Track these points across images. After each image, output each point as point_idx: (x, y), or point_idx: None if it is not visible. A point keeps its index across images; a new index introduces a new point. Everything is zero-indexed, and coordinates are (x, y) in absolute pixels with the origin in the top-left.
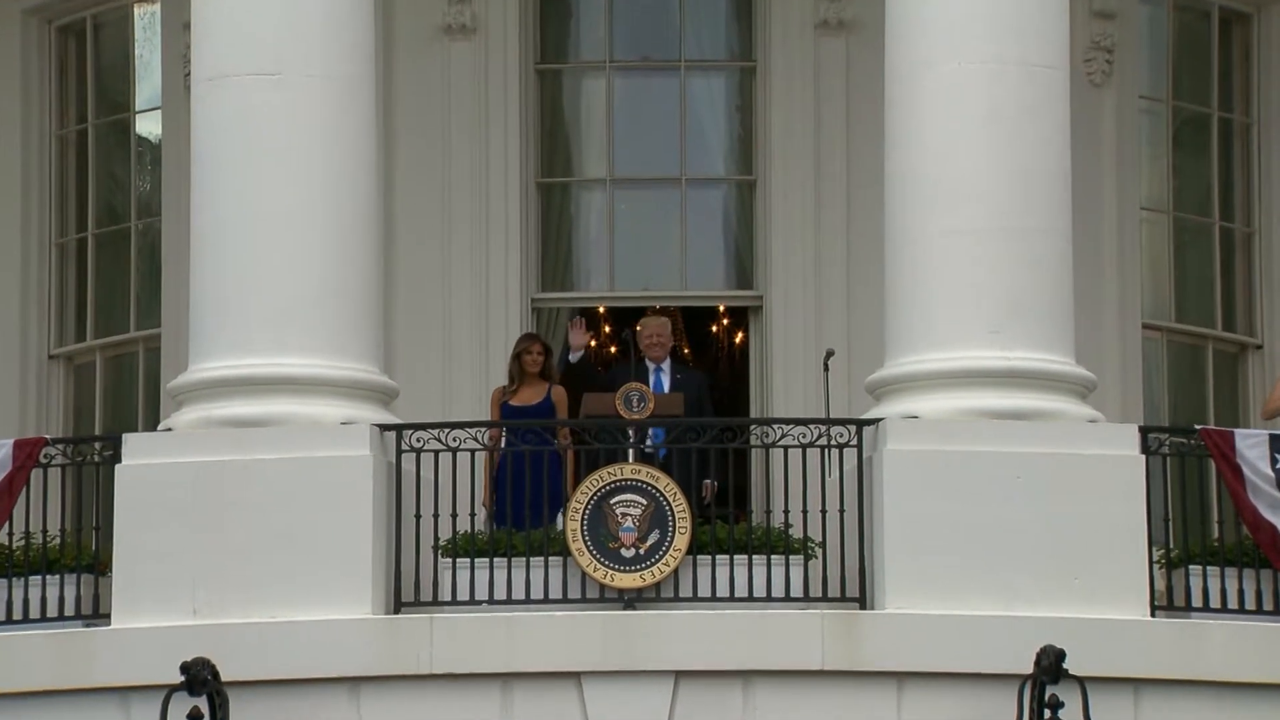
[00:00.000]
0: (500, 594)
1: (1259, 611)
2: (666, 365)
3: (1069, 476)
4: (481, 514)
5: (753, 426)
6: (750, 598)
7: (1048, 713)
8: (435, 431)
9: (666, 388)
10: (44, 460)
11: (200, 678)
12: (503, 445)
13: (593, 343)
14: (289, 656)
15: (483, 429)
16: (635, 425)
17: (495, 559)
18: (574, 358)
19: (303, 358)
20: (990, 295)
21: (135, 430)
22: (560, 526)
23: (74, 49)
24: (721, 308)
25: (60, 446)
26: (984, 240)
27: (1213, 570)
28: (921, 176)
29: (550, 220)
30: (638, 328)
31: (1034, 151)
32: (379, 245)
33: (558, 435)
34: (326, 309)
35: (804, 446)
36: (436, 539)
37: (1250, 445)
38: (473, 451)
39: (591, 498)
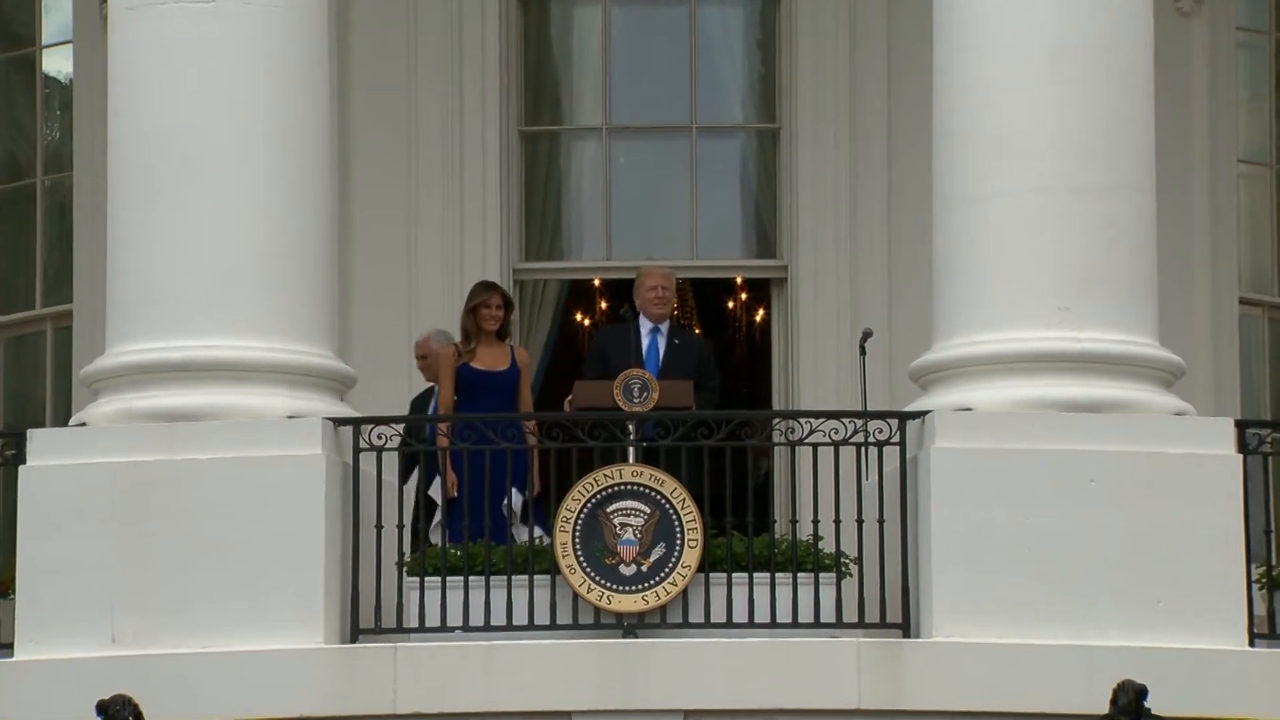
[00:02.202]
0: (477, 619)
1: None
2: (665, 328)
3: (1151, 480)
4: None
5: (775, 421)
6: (773, 623)
7: None
8: (399, 427)
9: (662, 353)
10: None
11: (120, 719)
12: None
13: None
14: (226, 694)
15: (459, 424)
16: (637, 419)
17: (471, 578)
18: None
19: (242, 339)
20: (1058, 265)
21: (42, 425)
22: (514, 522)
23: None
24: (739, 280)
25: None
26: (1051, 201)
27: None
28: (976, 125)
29: (536, 177)
30: (636, 277)
31: (1110, 95)
32: (333, 207)
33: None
34: (271, 281)
35: (836, 444)
36: (401, 554)
37: None
38: (443, 450)
39: (585, 505)
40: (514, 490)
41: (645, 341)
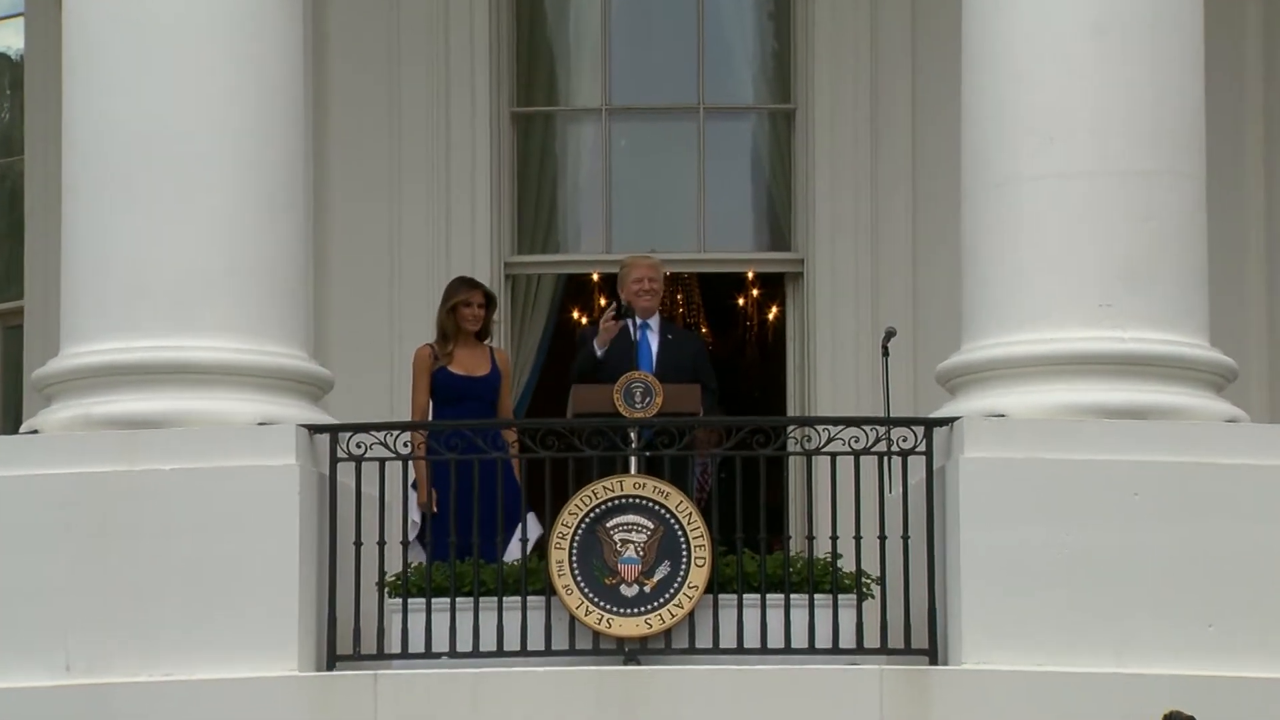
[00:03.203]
0: (465, 644)
1: None
2: (655, 323)
3: (1201, 492)
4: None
5: (790, 428)
6: (788, 650)
7: None
8: (381, 434)
9: (655, 351)
10: None
11: None
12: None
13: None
14: None
15: (445, 432)
16: (640, 426)
17: (458, 599)
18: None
19: (208, 339)
20: (1099, 258)
21: None
22: (516, 553)
23: None
24: (750, 275)
25: None
26: (1091, 187)
27: None
28: (1010, 105)
29: (529, 163)
30: (620, 269)
31: (1156, 71)
32: (307, 196)
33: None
34: (240, 277)
35: (856, 454)
36: (382, 574)
37: None
38: (428, 459)
39: (582, 520)
40: (531, 517)
41: (635, 340)
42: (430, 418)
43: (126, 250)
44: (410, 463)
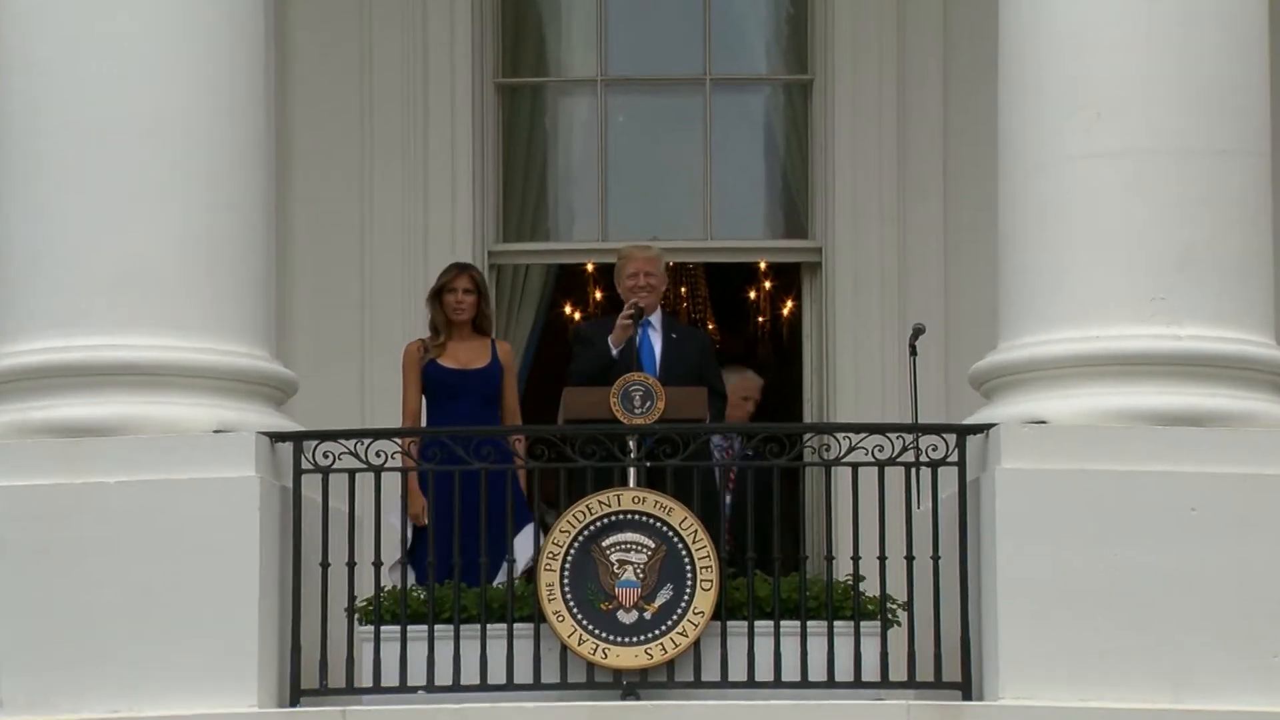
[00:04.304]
0: (444, 677)
1: None
2: (658, 319)
3: (1266, 507)
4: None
5: (807, 436)
6: (804, 683)
7: None
8: (350, 443)
9: (658, 351)
10: None
11: None
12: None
13: None
14: None
15: (418, 440)
16: (640, 433)
17: (437, 626)
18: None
19: (157, 336)
20: (1153, 246)
21: None
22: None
23: None
24: (762, 265)
25: None
26: (1144, 166)
27: None
28: (1054, 74)
29: (516, 140)
30: (616, 261)
31: (1218, 40)
32: (269, 178)
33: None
34: (193, 267)
35: (881, 464)
36: (352, 598)
37: None
38: (404, 470)
39: (576, 539)
40: (527, 531)
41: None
42: (424, 419)
43: (65, 239)
44: (386, 473)
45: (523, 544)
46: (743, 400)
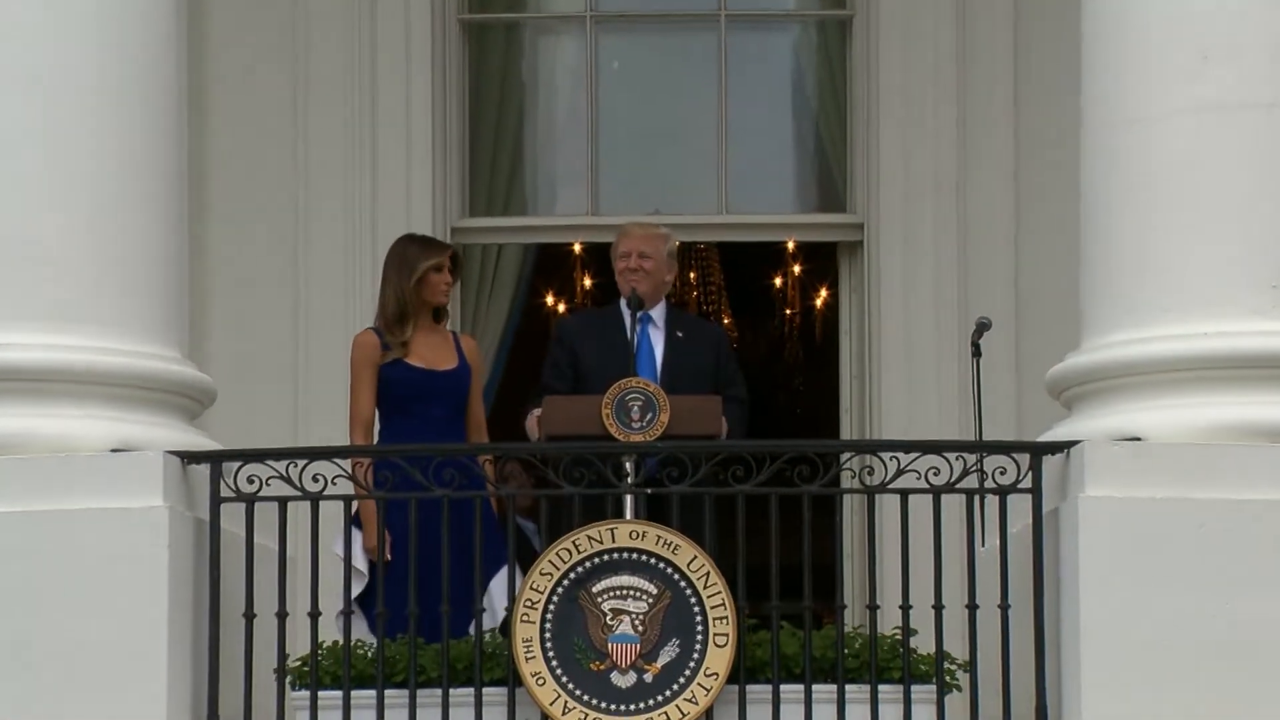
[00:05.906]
0: None
1: None
2: (660, 313)
3: None
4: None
5: (846, 456)
6: None
7: None
8: (282, 464)
9: (659, 352)
10: None
11: None
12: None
13: None
14: None
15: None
16: (639, 453)
17: (387, 691)
18: None
19: (42, 333)
20: (1274, 221)
21: None
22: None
23: None
24: (791, 245)
25: None
26: (1258, 123)
27: None
28: (1146, 12)
29: (486, 91)
30: (614, 242)
31: None
32: (182, 139)
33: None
34: (84, 248)
35: (937, 491)
36: (283, 657)
37: None
38: (347, 499)
39: (559, 583)
40: (499, 580)
41: (634, 337)
42: (377, 428)
43: None
44: (325, 501)
45: (499, 589)
46: None
